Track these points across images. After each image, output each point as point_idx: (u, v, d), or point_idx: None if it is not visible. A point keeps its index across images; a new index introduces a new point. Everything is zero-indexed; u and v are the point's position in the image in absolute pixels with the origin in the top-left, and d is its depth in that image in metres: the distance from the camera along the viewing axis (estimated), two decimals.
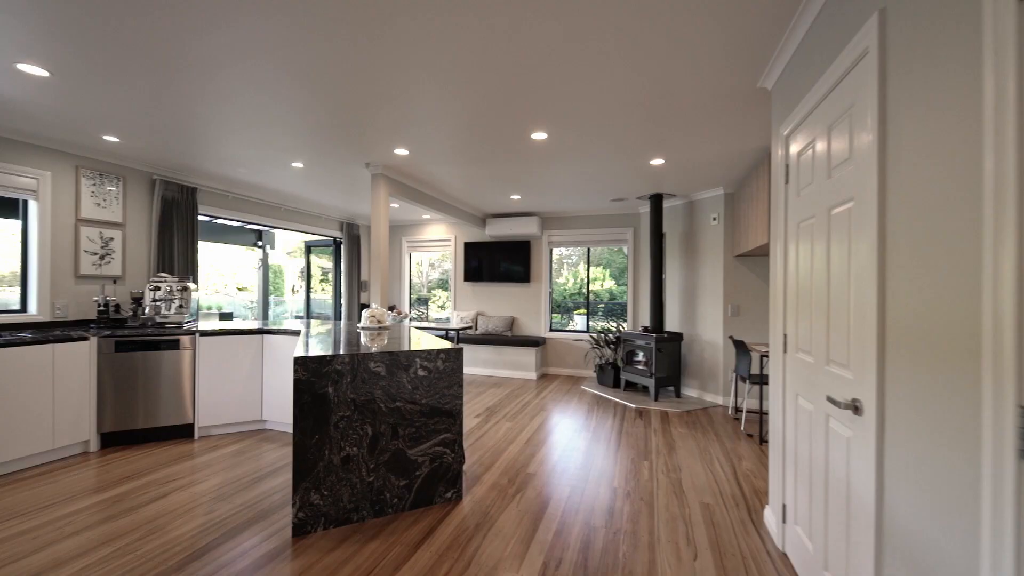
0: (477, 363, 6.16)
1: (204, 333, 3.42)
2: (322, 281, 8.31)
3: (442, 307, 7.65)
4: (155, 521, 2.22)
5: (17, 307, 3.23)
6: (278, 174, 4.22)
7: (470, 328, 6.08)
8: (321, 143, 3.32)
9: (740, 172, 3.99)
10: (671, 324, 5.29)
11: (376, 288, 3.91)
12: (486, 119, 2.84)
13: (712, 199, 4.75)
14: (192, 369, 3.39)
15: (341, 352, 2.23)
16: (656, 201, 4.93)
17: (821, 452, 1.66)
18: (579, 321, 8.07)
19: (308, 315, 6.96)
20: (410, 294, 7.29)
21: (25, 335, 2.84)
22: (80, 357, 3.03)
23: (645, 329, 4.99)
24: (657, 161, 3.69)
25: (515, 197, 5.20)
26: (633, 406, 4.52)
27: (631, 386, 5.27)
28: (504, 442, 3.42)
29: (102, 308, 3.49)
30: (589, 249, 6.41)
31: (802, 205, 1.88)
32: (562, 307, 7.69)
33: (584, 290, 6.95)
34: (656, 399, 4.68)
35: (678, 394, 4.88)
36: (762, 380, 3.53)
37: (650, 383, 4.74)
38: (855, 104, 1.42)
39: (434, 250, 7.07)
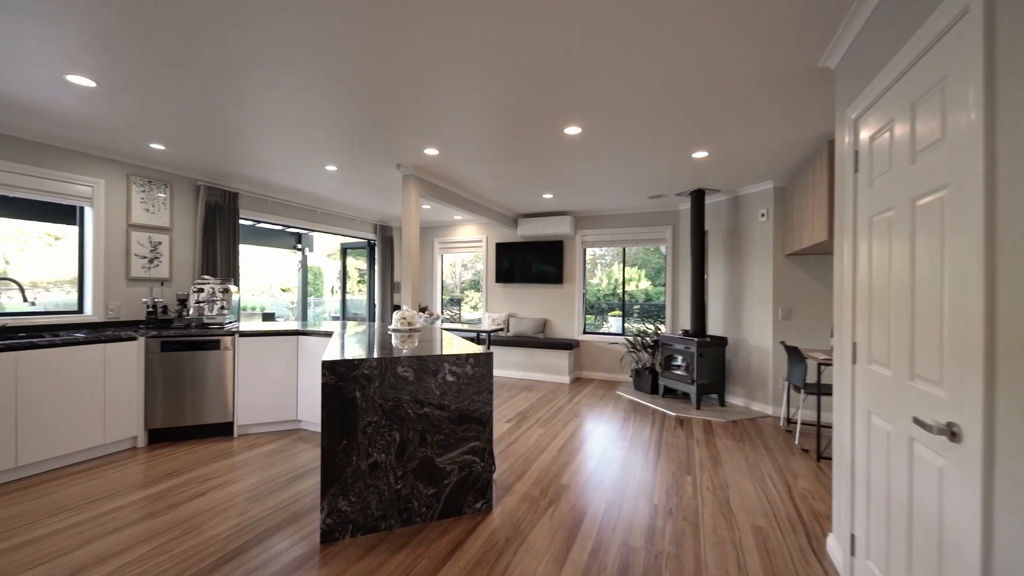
0: (508, 366, 6.07)
1: (243, 334, 3.50)
2: (359, 282, 8.48)
3: (474, 308, 7.61)
4: (192, 520, 2.25)
5: (75, 308, 3.42)
6: (313, 178, 4.29)
7: (501, 330, 6.00)
8: (353, 145, 3.32)
9: (793, 163, 3.68)
10: (714, 328, 4.99)
11: (407, 290, 3.89)
12: (517, 114, 2.74)
13: (760, 194, 4.43)
14: (232, 369, 3.47)
15: (369, 356, 2.18)
16: (698, 197, 4.66)
17: (903, 480, 1.43)
18: (613, 323, 7.83)
19: (344, 316, 7.10)
20: (442, 295, 7.30)
21: (80, 335, 2.99)
22: (129, 356, 3.16)
23: (685, 333, 4.72)
24: (700, 154, 3.45)
25: (547, 196, 5.06)
26: (673, 414, 4.28)
27: (670, 392, 5.01)
28: (536, 449, 3.29)
29: (151, 309, 3.64)
30: (625, 249, 6.18)
31: (876, 196, 1.65)
32: (595, 308, 7.47)
33: (618, 291, 6.71)
34: (698, 407, 4.41)
35: (722, 402, 4.58)
36: (819, 390, 3.23)
37: (691, 390, 4.48)
38: (948, 76, 1.21)
39: (465, 251, 7.04)
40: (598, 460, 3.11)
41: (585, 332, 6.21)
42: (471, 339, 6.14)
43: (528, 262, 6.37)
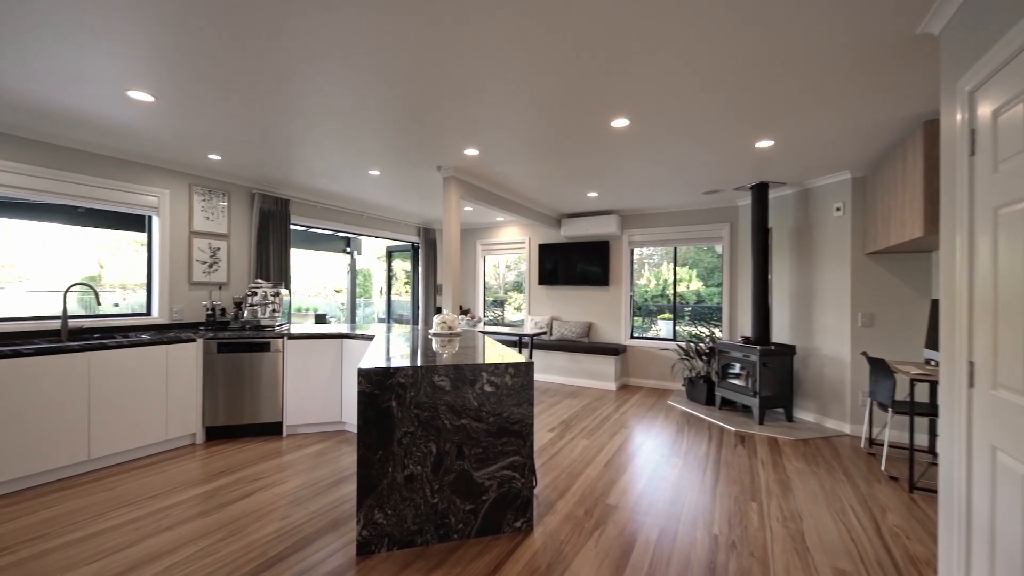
0: (552, 370, 5.89)
1: (291, 336, 3.59)
2: (405, 284, 8.65)
3: (518, 309, 7.51)
4: (238, 521, 2.29)
5: (143, 311, 3.67)
6: (358, 183, 4.35)
7: (544, 333, 5.84)
8: (394, 148, 3.31)
9: (876, 149, 3.24)
10: (779, 335, 4.54)
11: (448, 293, 3.83)
12: (560, 106, 2.58)
13: (835, 186, 3.97)
14: (281, 370, 3.57)
15: (406, 364, 2.11)
16: (760, 191, 4.25)
17: None
18: (663, 326, 7.43)
19: (389, 318, 7.23)
20: (484, 297, 7.25)
21: (145, 336, 3.18)
22: (189, 357, 3.33)
23: (746, 340, 4.33)
24: (764, 143, 3.12)
25: (592, 195, 4.85)
26: (733, 429, 3.92)
27: (728, 404, 4.62)
28: (581, 463, 3.11)
29: (209, 312, 3.84)
30: (676, 249, 5.81)
31: (1003, 183, 1.33)
32: (643, 310, 7.12)
33: (668, 292, 6.34)
34: (761, 422, 4.02)
35: (789, 417, 4.15)
36: (912, 410, 2.80)
37: (753, 403, 4.09)
38: None
39: (507, 253, 6.95)
40: (649, 478, 2.87)
41: (633, 337, 5.90)
42: (513, 343, 6.03)
43: (572, 263, 6.16)
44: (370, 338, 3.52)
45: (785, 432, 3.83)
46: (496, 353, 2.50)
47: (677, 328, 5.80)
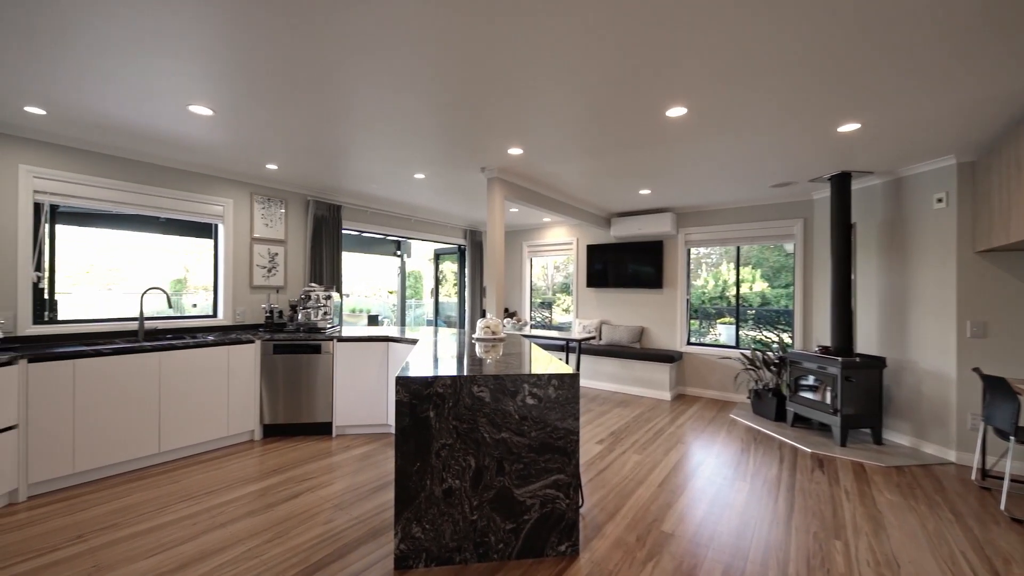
0: (601, 376, 5.64)
1: (340, 339, 3.67)
2: (454, 285, 8.74)
3: (566, 311, 7.31)
4: (284, 523, 2.32)
5: (210, 312, 3.91)
6: (405, 187, 4.39)
7: (593, 338, 5.59)
8: (438, 150, 3.27)
9: (990, 129, 2.73)
10: (865, 344, 4.01)
11: (492, 296, 3.74)
12: (610, 98, 2.39)
13: (935, 173, 3.42)
14: (331, 372, 3.66)
15: (443, 373, 2.03)
16: (841, 182, 3.77)
17: None
18: (723, 331, 6.93)
19: (436, 321, 7.31)
20: (531, 300, 7.11)
21: (210, 337, 3.37)
22: (248, 357, 3.49)
23: (824, 349, 3.85)
24: (849, 127, 2.73)
25: (644, 192, 4.56)
26: (808, 450, 3.49)
27: (802, 421, 4.15)
28: (632, 481, 2.88)
29: (268, 314, 4.02)
30: (739, 248, 5.34)
31: None
32: (700, 313, 6.66)
33: (727, 293, 5.86)
34: (843, 444, 3.54)
35: (877, 440, 3.63)
36: None
37: (833, 421, 3.62)
38: None
39: (555, 254, 6.77)
40: (710, 504, 2.59)
41: (690, 343, 5.51)
42: (559, 347, 5.85)
43: (623, 265, 5.87)
44: (414, 342, 3.51)
45: (873, 456, 3.34)
46: (541, 361, 2.36)
47: (740, 333, 5.33)
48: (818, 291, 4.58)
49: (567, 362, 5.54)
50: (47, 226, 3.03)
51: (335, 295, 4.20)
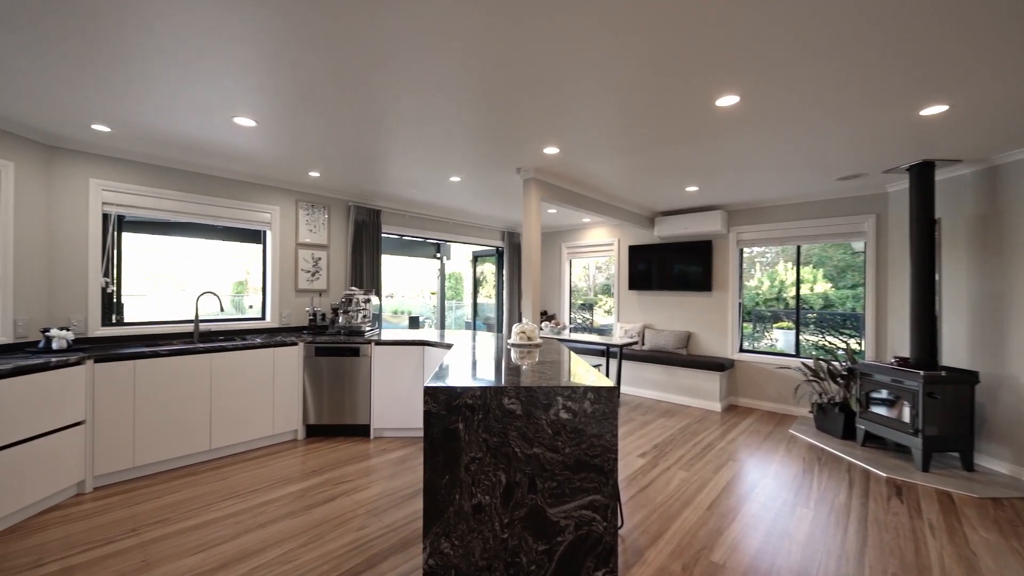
0: (644, 383, 5.37)
1: (378, 343, 3.70)
2: (494, 286, 8.73)
3: (608, 312, 7.07)
4: (320, 527, 2.34)
5: (260, 315, 4.08)
6: (441, 190, 4.39)
7: (635, 343, 5.34)
8: (472, 152, 3.21)
9: None
10: (952, 356, 3.52)
11: (528, 300, 3.64)
12: (652, 89, 2.22)
13: None
14: (369, 375, 3.70)
15: (472, 384, 1.95)
16: (923, 173, 3.34)
17: None
18: (780, 337, 6.44)
19: (475, 324, 7.30)
20: (571, 302, 6.93)
21: (257, 340, 3.51)
22: (291, 359, 3.60)
23: (902, 361, 3.43)
24: (934, 109, 2.38)
25: (691, 189, 4.29)
26: (883, 475, 3.11)
27: (874, 440, 3.71)
28: (677, 501, 2.67)
29: (311, 317, 4.15)
30: (799, 247, 4.91)
31: None
32: (753, 315, 6.22)
33: (785, 294, 5.41)
34: (925, 469, 3.12)
35: (968, 466, 3.17)
36: None
37: (914, 443, 3.20)
38: None
39: (595, 255, 6.55)
40: (767, 533, 2.34)
41: (743, 350, 5.13)
42: (600, 352, 5.64)
43: (667, 266, 5.57)
44: (448, 347, 3.47)
45: (963, 485, 2.91)
46: (577, 370, 2.23)
47: (800, 338, 4.89)
48: (894, 294, 4.09)
49: (607, 368, 5.33)
50: (114, 235, 3.27)
51: (374, 298, 4.26)
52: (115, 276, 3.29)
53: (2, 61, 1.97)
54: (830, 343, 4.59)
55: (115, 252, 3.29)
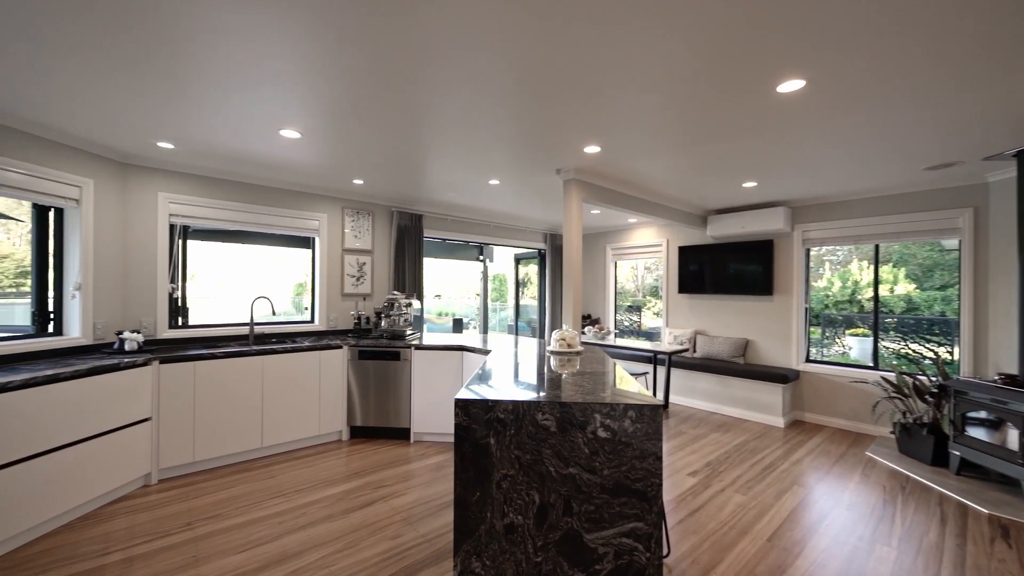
0: (696, 394, 5.03)
1: (418, 347, 3.72)
2: (538, 288, 8.63)
3: (657, 315, 6.74)
4: (357, 532, 2.35)
5: (309, 319, 4.25)
6: (481, 193, 4.35)
7: (685, 350, 5.02)
8: (511, 153, 3.13)
9: None
10: None
11: (569, 305, 3.50)
12: (705, 78, 2.02)
13: None
14: (409, 379, 3.73)
15: (504, 397, 1.86)
16: None
17: None
18: (854, 345, 5.82)
19: (516, 329, 7.23)
20: (616, 306, 6.67)
21: (305, 343, 3.64)
22: (336, 362, 3.71)
23: (1008, 379, 2.93)
24: None
25: (749, 185, 3.95)
26: (984, 511, 2.66)
27: (972, 468, 3.21)
28: (733, 529, 2.43)
29: (356, 320, 4.26)
30: (878, 246, 4.38)
31: None
32: (822, 320, 5.66)
33: (859, 296, 4.86)
34: None
35: None
36: None
37: (1021, 474, 2.72)
38: None
39: (642, 256, 6.26)
40: (840, 574, 2.06)
41: (809, 360, 4.66)
42: (647, 359, 5.36)
43: (722, 268, 5.19)
44: (487, 352, 3.41)
45: None
46: (620, 383, 2.07)
47: (879, 346, 4.36)
48: (997, 299, 3.53)
49: (654, 376, 5.05)
50: (180, 243, 3.52)
51: (415, 302, 4.30)
52: (180, 282, 3.54)
53: (84, 89, 2.16)
54: (914, 352, 4.06)
55: (181, 259, 3.54)
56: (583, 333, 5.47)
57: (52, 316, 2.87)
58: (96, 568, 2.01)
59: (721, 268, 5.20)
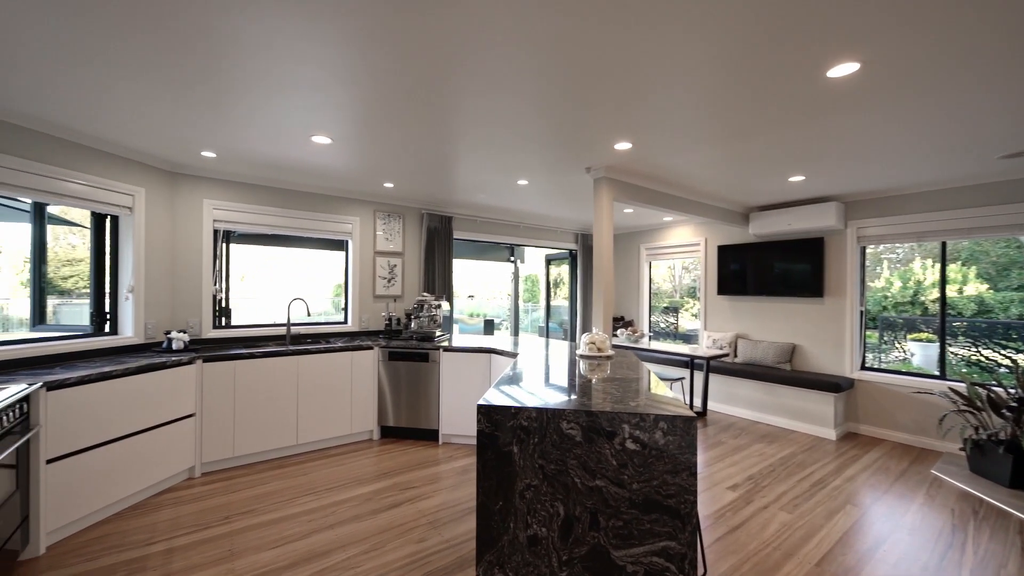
0: (736, 401, 4.77)
1: (446, 349, 3.72)
2: (569, 289, 8.50)
3: (695, 316, 6.47)
4: (383, 534, 2.36)
5: (342, 320, 4.35)
6: (510, 195, 4.31)
7: (726, 355, 4.76)
8: (540, 152, 3.06)
9: None
10: None
11: (598, 308, 3.39)
12: (745, 64, 1.89)
13: None
14: (437, 380, 3.74)
15: (526, 404, 1.80)
16: None
17: None
18: (917, 351, 5.35)
19: (547, 328, 7.13)
20: (650, 307, 6.45)
21: (338, 343, 3.73)
22: (368, 362, 3.77)
23: None
24: None
25: (796, 179, 3.68)
26: None
27: None
28: (777, 551, 2.25)
29: (387, 322, 4.32)
30: (945, 243, 3.98)
31: None
32: (879, 323, 5.25)
33: (923, 297, 4.44)
34: None
35: None
36: None
37: None
38: None
39: (678, 257, 6.01)
40: None
41: (865, 368, 4.30)
42: (683, 364, 5.13)
43: (766, 268, 4.89)
44: (514, 356, 3.36)
45: None
46: (653, 390, 1.97)
47: (946, 353, 3.96)
48: None
49: (691, 381, 4.83)
50: (223, 247, 3.69)
51: (444, 304, 4.32)
52: (223, 284, 3.71)
53: (139, 105, 2.30)
54: (987, 359, 3.65)
55: (224, 263, 3.71)
56: (615, 336, 5.31)
57: (108, 317, 3.08)
58: (140, 558, 2.11)
59: (765, 268, 4.90)
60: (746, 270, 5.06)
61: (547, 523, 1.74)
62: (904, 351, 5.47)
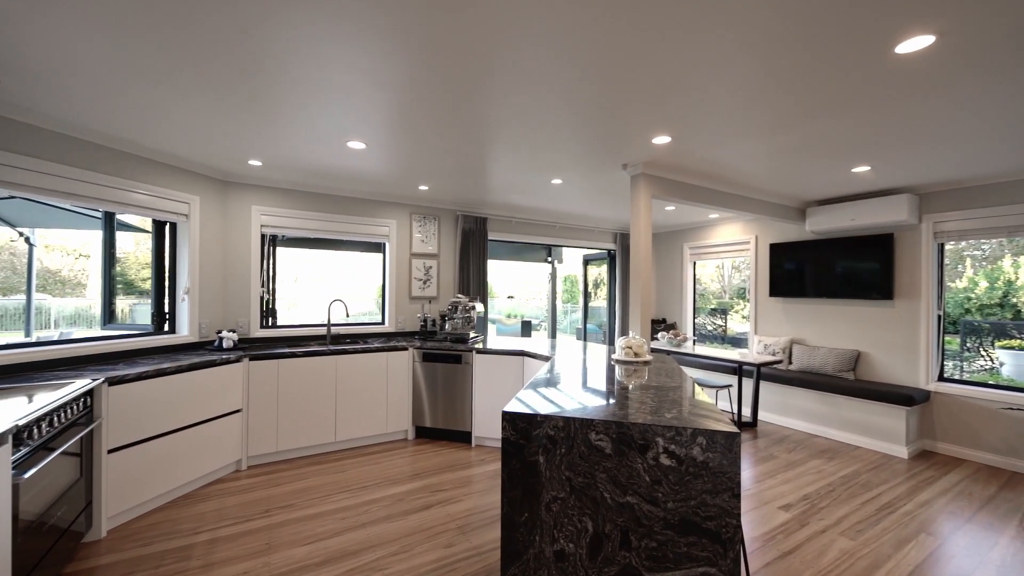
0: (791, 412, 4.41)
1: (479, 351, 3.70)
2: (608, 289, 8.27)
3: (745, 318, 6.07)
4: (412, 536, 2.36)
5: (380, 320, 4.45)
6: (545, 195, 4.23)
7: (779, 362, 4.42)
8: (574, 150, 2.97)
9: None
10: None
11: (636, 310, 3.24)
12: (800, 43, 1.71)
13: None
14: (470, 382, 3.72)
15: (552, 411, 1.72)
16: None
17: None
18: (1005, 358, 4.73)
19: (585, 333, 6.97)
20: (695, 309, 6.13)
21: (374, 344, 3.80)
22: (402, 363, 3.82)
23: None
24: None
25: (860, 170, 3.34)
26: None
27: None
28: None
29: (423, 323, 4.37)
30: None
31: None
32: (961, 327, 4.69)
33: (1014, 299, 3.92)
34: None
35: None
36: None
37: None
38: None
39: (725, 256, 5.66)
40: None
41: (943, 379, 3.84)
42: (731, 370, 4.82)
43: (825, 267, 4.50)
44: (548, 359, 3.27)
45: None
46: (693, 400, 1.83)
47: None
48: None
49: (739, 389, 4.52)
50: (270, 251, 3.87)
51: (478, 305, 4.30)
52: (270, 286, 3.90)
53: (195, 119, 2.46)
54: None
55: (271, 266, 3.90)
56: (655, 339, 5.08)
57: (167, 316, 3.30)
58: (186, 546, 2.23)
59: (825, 267, 4.50)
60: (803, 270, 4.68)
61: (575, 539, 1.65)
62: (992, 359, 4.85)
